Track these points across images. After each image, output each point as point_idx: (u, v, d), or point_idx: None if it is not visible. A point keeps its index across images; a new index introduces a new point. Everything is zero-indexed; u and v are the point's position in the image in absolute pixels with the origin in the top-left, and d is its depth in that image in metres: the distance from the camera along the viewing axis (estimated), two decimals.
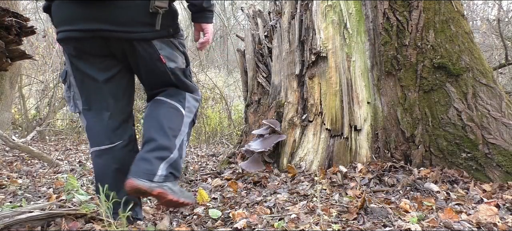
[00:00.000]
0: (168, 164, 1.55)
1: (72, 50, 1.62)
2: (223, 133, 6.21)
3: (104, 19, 1.54)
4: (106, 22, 1.54)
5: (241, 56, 3.37)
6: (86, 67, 1.64)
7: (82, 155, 4.46)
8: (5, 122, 5.33)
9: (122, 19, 1.55)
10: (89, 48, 1.60)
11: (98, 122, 1.68)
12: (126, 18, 1.55)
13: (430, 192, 1.97)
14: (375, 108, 2.47)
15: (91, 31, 1.54)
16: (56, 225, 1.62)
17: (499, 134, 2.15)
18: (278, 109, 2.80)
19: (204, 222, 1.71)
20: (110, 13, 1.53)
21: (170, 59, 1.68)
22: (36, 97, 7.80)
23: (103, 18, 1.54)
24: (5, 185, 2.52)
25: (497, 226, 1.53)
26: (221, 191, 2.25)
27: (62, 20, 1.59)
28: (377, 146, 2.42)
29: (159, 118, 1.63)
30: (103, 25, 1.54)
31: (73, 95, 1.72)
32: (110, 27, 1.55)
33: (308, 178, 2.29)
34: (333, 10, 2.53)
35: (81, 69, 1.64)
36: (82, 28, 1.54)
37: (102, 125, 1.68)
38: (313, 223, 1.57)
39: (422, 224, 1.54)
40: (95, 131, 1.70)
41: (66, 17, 1.57)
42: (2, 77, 5.30)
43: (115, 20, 1.55)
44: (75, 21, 1.55)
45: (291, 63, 2.71)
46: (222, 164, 3.01)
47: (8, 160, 3.83)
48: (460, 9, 2.44)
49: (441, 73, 2.32)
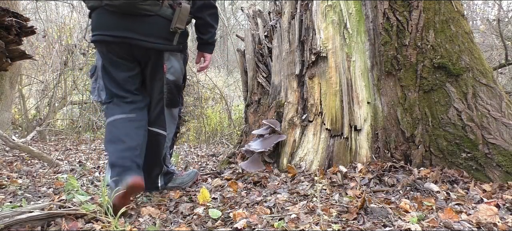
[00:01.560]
0: (162, 174, 2.31)
1: (105, 50, 2.06)
2: (223, 133, 6.21)
3: (133, 30, 2.00)
4: (134, 32, 2.00)
5: (241, 56, 3.37)
6: (113, 65, 2.08)
7: (82, 155, 4.46)
8: (5, 122, 5.33)
9: (147, 32, 2.02)
10: (117, 51, 2.04)
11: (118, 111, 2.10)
12: (151, 32, 2.02)
13: (430, 192, 1.97)
14: (375, 108, 2.47)
15: (121, 37, 1.99)
16: (56, 225, 1.62)
17: (499, 134, 2.15)
18: (278, 109, 2.80)
19: (204, 222, 1.71)
20: (139, 26, 2.01)
21: (171, 72, 2.15)
22: (36, 97, 7.81)
23: (132, 29, 2.00)
24: (5, 185, 2.52)
25: (497, 226, 1.53)
26: (221, 191, 2.25)
27: (98, 26, 2.03)
28: (377, 146, 2.42)
29: (151, 148, 2.17)
30: (131, 34, 2.00)
31: (98, 86, 2.15)
32: (137, 36, 2.01)
33: (308, 178, 2.29)
34: (333, 10, 2.53)
35: (108, 67, 2.09)
36: (114, 34, 1.99)
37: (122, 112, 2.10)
38: (313, 223, 1.57)
39: (422, 224, 1.54)
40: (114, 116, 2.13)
41: (102, 24, 2.01)
42: (2, 77, 5.30)
43: (142, 32, 2.01)
44: (109, 28, 1.99)
45: (291, 63, 2.71)
46: (222, 164, 3.01)
47: (8, 160, 3.83)
48: (460, 9, 2.44)
49: (441, 73, 2.32)
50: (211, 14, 2.23)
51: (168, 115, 2.25)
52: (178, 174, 2.47)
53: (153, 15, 2.00)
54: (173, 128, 2.33)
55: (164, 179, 2.34)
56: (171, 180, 2.39)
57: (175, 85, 2.20)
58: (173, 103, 2.24)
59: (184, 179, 2.45)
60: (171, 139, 2.33)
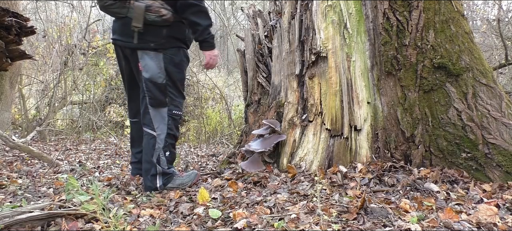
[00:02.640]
0: (159, 175, 2.36)
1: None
2: (223, 133, 6.21)
3: (117, 32, 2.34)
4: (117, 34, 2.34)
5: (241, 56, 3.37)
6: (120, 65, 2.49)
7: (82, 155, 4.46)
8: (5, 122, 5.33)
9: (122, 33, 2.30)
10: (117, 52, 2.43)
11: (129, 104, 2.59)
12: (125, 32, 2.28)
13: (430, 192, 1.97)
14: (375, 108, 2.47)
15: (113, 39, 2.39)
16: (56, 225, 1.62)
17: (499, 134, 2.15)
18: (278, 109, 2.80)
19: (204, 222, 1.71)
20: (119, 28, 2.32)
21: (146, 70, 2.29)
22: (36, 97, 7.81)
23: (117, 31, 2.34)
24: (5, 185, 2.52)
25: (497, 226, 1.52)
26: (221, 191, 2.25)
27: (112, 31, 2.44)
28: (377, 146, 2.42)
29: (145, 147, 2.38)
30: (116, 36, 2.35)
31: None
32: (118, 37, 2.34)
33: (308, 178, 2.29)
34: (333, 10, 2.53)
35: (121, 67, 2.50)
36: (112, 37, 2.40)
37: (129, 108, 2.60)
38: (313, 223, 1.57)
39: (422, 224, 1.54)
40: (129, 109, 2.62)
41: (112, 29, 2.43)
42: (2, 77, 5.30)
43: (120, 33, 2.32)
44: (113, 33, 2.40)
45: (291, 63, 2.71)
46: (222, 164, 3.01)
47: (8, 160, 3.83)
48: (460, 9, 2.44)
49: (441, 73, 2.32)
50: (194, 12, 2.27)
51: (156, 115, 2.33)
52: (178, 175, 2.46)
53: (124, 17, 2.25)
54: (164, 129, 2.34)
55: (162, 180, 2.36)
56: (171, 181, 2.39)
57: (153, 83, 2.29)
58: (157, 102, 2.31)
59: (184, 180, 2.44)
60: (163, 140, 2.34)
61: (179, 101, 2.42)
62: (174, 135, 2.41)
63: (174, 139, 2.43)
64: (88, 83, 7.49)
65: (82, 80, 7.44)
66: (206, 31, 2.33)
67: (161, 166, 2.34)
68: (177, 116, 2.42)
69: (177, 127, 2.44)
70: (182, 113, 2.50)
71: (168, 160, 2.39)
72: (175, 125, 2.40)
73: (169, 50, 2.31)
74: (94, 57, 7.33)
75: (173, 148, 2.43)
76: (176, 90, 2.38)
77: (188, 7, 2.25)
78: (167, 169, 2.38)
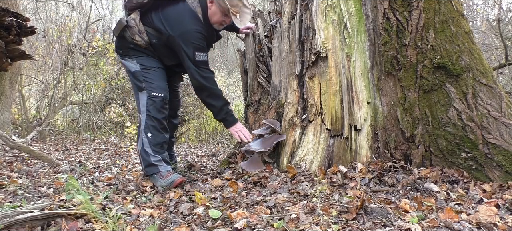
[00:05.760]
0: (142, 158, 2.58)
1: None
2: (223, 133, 6.21)
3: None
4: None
5: (241, 56, 3.37)
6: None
7: (82, 155, 4.46)
8: (5, 122, 5.33)
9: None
10: None
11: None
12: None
13: (430, 192, 1.97)
14: (375, 108, 2.47)
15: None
16: (56, 225, 1.62)
17: (499, 134, 2.15)
18: (278, 109, 2.80)
19: (204, 222, 1.71)
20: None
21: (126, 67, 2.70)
22: (36, 97, 7.81)
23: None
24: (5, 185, 2.52)
25: (497, 226, 1.52)
26: (221, 191, 2.25)
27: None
28: (377, 146, 2.42)
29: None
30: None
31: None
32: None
33: (308, 178, 2.28)
34: (333, 10, 2.53)
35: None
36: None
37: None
38: (313, 223, 1.57)
39: (422, 224, 1.54)
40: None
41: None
42: (2, 77, 5.30)
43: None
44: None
45: (291, 63, 2.71)
46: (222, 164, 3.01)
47: (8, 160, 3.83)
48: (460, 9, 2.44)
49: (441, 73, 2.32)
50: (207, 95, 2.59)
51: (138, 99, 2.62)
52: (164, 175, 2.50)
53: None
54: (144, 111, 2.55)
55: (144, 165, 2.56)
56: (154, 176, 2.52)
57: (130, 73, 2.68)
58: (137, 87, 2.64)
59: (162, 184, 2.48)
60: (144, 121, 2.54)
61: (157, 84, 2.57)
62: (154, 116, 2.55)
63: (154, 121, 2.54)
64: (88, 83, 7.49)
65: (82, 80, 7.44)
66: (223, 111, 2.63)
67: (144, 148, 2.54)
68: (157, 97, 2.56)
69: (157, 109, 2.55)
70: (163, 95, 2.61)
71: (151, 142, 2.53)
72: (154, 107, 2.55)
73: (126, 57, 2.71)
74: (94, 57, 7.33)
75: (155, 131, 2.54)
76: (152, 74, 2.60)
77: (201, 90, 2.58)
78: (154, 160, 2.51)
